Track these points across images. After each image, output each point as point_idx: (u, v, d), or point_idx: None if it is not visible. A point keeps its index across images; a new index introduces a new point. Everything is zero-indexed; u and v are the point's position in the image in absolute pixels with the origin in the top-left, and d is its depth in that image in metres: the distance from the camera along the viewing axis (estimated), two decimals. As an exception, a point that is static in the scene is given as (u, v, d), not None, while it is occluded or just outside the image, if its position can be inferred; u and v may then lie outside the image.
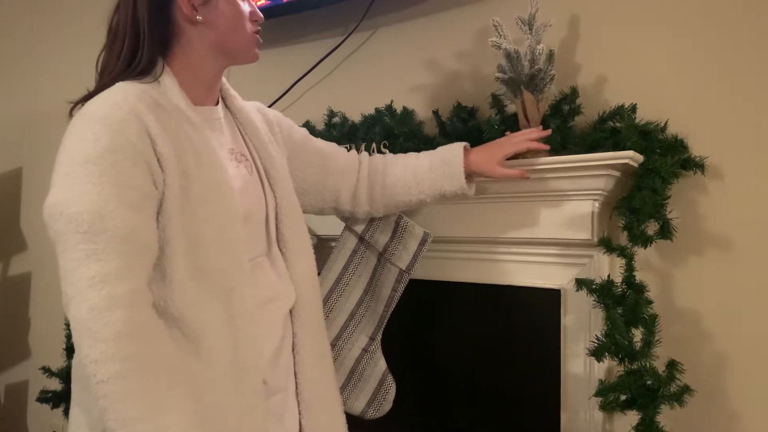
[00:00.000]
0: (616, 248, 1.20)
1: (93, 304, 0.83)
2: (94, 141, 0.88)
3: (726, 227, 1.23)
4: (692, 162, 1.24)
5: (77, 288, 0.84)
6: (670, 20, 1.31)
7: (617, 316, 1.15)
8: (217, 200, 0.98)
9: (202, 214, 0.95)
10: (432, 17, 1.64)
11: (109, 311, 0.83)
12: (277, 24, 1.91)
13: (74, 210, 0.85)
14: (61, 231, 0.86)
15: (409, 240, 1.38)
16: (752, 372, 1.20)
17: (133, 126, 0.90)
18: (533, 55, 1.28)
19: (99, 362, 0.82)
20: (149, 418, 0.83)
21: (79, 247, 0.85)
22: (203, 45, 1.03)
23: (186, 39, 1.02)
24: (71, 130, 0.92)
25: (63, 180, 0.88)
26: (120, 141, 0.88)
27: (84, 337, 0.83)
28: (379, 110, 1.64)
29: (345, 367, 1.44)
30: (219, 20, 1.02)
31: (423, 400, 1.51)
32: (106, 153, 0.87)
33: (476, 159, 1.23)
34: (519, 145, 1.23)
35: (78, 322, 0.84)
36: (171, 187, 0.92)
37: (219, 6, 1.02)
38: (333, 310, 1.46)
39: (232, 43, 1.05)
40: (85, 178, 0.86)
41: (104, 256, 0.85)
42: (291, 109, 1.90)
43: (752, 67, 1.22)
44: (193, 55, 1.03)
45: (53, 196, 0.88)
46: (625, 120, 1.26)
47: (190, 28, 1.01)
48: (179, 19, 1.01)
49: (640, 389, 1.12)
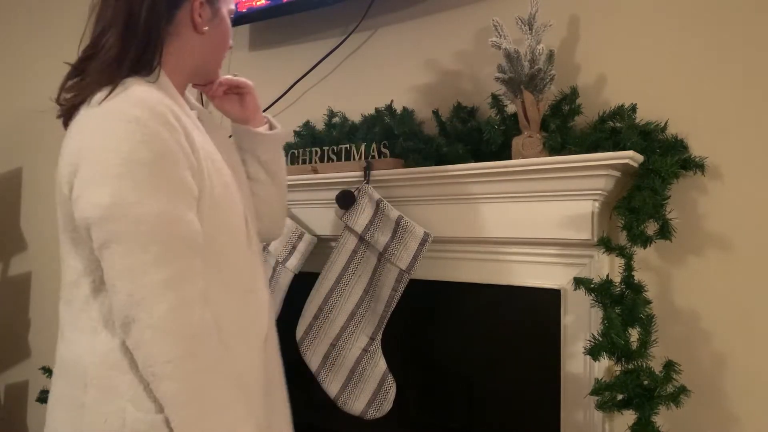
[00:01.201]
0: (616, 248, 1.20)
1: (172, 304, 0.85)
2: (146, 143, 0.87)
3: (725, 227, 1.23)
4: (692, 162, 1.24)
5: (150, 289, 0.85)
6: (670, 20, 1.31)
7: (614, 315, 1.15)
8: (231, 204, 1.00)
9: (223, 218, 0.97)
10: (432, 17, 1.64)
11: (188, 311, 0.86)
12: (277, 24, 1.91)
13: (142, 211, 0.85)
14: (125, 232, 0.85)
15: (409, 240, 1.38)
16: (750, 372, 1.20)
17: (178, 129, 0.90)
18: (533, 55, 1.28)
19: (176, 361, 0.85)
20: (223, 410, 0.88)
21: (150, 248, 0.85)
22: (195, 53, 1.03)
23: (181, 43, 1.01)
24: (100, 128, 0.89)
25: (117, 180, 0.85)
26: (171, 144, 0.89)
27: (160, 337, 0.85)
28: (379, 110, 1.64)
29: (345, 367, 1.44)
30: (216, 37, 1.05)
31: (423, 399, 1.51)
32: (161, 155, 0.87)
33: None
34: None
35: (153, 322, 0.84)
36: (203, 192, 0.93)
37: (221, 25, 1.05)
38: (333, 310, 1.47)
39: (212, 61, 1.09)
40: (146, 180, 0.86)
41: (177, 258, 0.86)
42: (291, 109, 1.90)
43: (752, 67, 1.22)
44: (183, 60, 1.02)
45: (108, 195, 0.85)
46: (625, 120, 1.26)
47: (189, 33, 1.01)
48: (182, 22, 1.00)
49: (637, 389, 1.12)
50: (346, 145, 1.58)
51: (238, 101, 1.19)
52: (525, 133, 1.32)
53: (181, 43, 1.01)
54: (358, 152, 1.54)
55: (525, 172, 1.28)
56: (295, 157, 1.67)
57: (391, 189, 1.48)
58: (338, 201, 1.46)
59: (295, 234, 1.56)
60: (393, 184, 1.47)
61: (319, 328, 1.47)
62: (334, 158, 1.60)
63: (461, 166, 1.36)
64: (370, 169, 1.47)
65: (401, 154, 1.52)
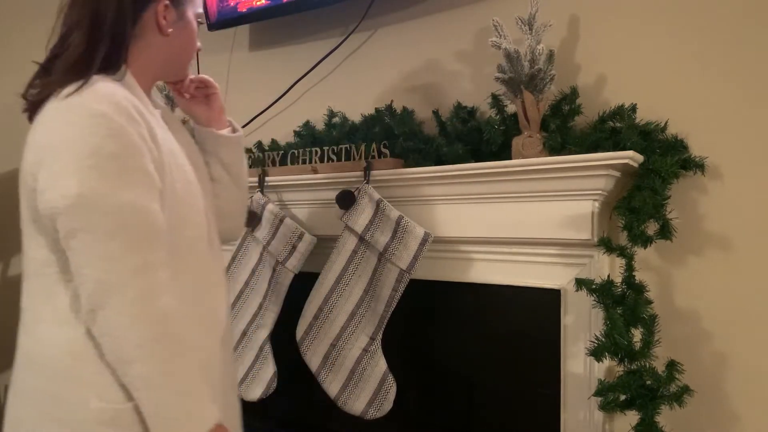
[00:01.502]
0: (616, 248, 1.20)
1: (140, 291, 0.88)
2: (112, 136, 0.90)
3: (726, 227, 1.23)
4: (692, 162, 1.24)
5: (119, 276, 0.87)
6: (670, 20, 1.31)
7: (617, 316, 1.15)
8: (193, 199, 1.04)
9: (184, 212, 1.01)
10: (432, 17, 1.64)
11: (156, 297, 0.89)
12: (277, 24, 1.91)
13: (110, 202, 0.88)
14: (93, 221, 0.88)
15: (409, 240, 1.38)
16: (752, 372, 1.20)
17: (141, 123, 0.94)
18: (533, 55, 1.28)
19: (146, 345, 0.87)
20: (191, 393, 0.91)
21: (118, 237, 0.88)
22: (159, 54, 1.06)
23: (146, 43, 1.04)
24: (66, 121, 0.92)
25: (85, 172, 0.88)
26: (136, 138, 0.92)
27: (130, 322, 0.87)
28: (379, 110, 1.64)
29: (345, 367, 1.44)
30: (181, 39, 1.08)
31: (423, 399, 1.51)
32: (127, 148, 0.91)
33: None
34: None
35: (122, 308, 0.87)
36: (164, 185, 0.96)
37: (187, 27, 1.08)
38: (333, 310, 1.47)
39: (179, 62, 1.11)
40: (113, 172, 0.89)
41: (144, 247, 0.89)
42: (291, 109, 1.90)
43: (752, 67, 1.22)
44: (147, 60, 1.05)
45: (76, 186, 0.88)
46: (625, 120, 1.26)
47: (154, 35, 1.04)
48: (147, 24, 1.03)
49: (640, 389, 1.12)
50: (346, 145, 1.58)
51: (204, 102, 1.22)
52: (525, 133, 1.32)
53: (146, 44, 1.04)
54: (358, 152, 1.54)
55: (525, 172, 1.28)
56: (295, 157, 1.67)
57: (391, 189, 1.48)
58: (338, 201, 1.46)
59: (295, 234, 1.56)
60: (393, 184, 1.47)
61: (320, 328, 1.47)
62: (334, 158, 1.60)
63: (461, 166, 1.36)
64: (370, 169, 1.47)
65: (401, 154, 1.51)
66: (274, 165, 1.70)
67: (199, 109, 1.21)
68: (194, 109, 1.21)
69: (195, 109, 1.21)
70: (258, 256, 1.63)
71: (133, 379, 0.89)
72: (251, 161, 1.75)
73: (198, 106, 1.21)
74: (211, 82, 1.21)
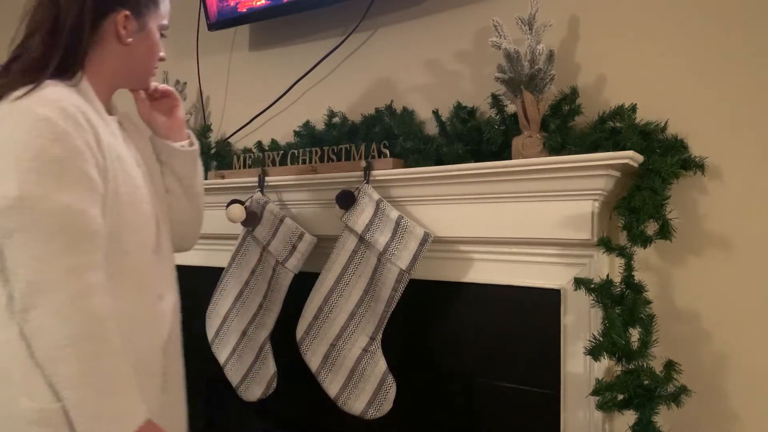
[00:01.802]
0: (616, 248, 1.20)
1: (72, 292, 0.90)
2: (54, 140, 0.92)
3: (726, 227, 1.23)
4: (692, 162, 1.24)
5: (52, 277, 0.89)
6: (670, 20, 1.31)
7: (615, 315, 1.15)
8: (138, 205, 1.06)
9: (127, 217, 1.03)
10: (432, 17, 1.64)
11: (88, 298, 0.91)
12: (277, 24, 1.91)
13: (48, 205, 0.91)
14: (31, 222, 0.90)
15: (409, 240, 1.38)
16: (751, 372, 1.20)
17: (87, 130, 0.97)
18: (533, 55, 1.28)
19: (73, 345, 0.89)
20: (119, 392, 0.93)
21: (54, 239, 0.90)
22: (118, 62, 1.09)
23: (105, 52, 1.07)
24: (10, 123, 0.94)
25: (25, 174, 0.91)
26: (79, 143, 0.95)
27: (59, 322, 0.89)
28: (379, 110, 1.64)
29: (345, 367, 1.44)
30: (140, 50, 1.11)
31: (423, 399, 1.51)
32: (69, 152, 0.93)
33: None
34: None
35: (52, 308, 0.89)
36: (107, 190, 0.99)
37: (148, 37, 1.11)
38: (333, 310, 1.47)
39: (140, 71, 1.14)
40: (54, 175, 0.92)
41: (79, 250, 0.92)
42: (291, 109, 1.90)
43: (752, 67, 1.22)
44: (106, 67, 1.08)
45: (16, 189, 0.90)
46: (625, 120, 1.26)
47: (113, 43, 1.07)
48: (107, 32, 1.06)
49: (637, 389, 1.12)
50: (346, 145, 1.58)
51: (166, 114, 1.24)
52: (525, 133, 1.32)
53: (104, 53, 1.07)
54: (358, 152, 1.54)
55: (525, 172, 1.28)
56: (295, 157, 1.67)
57: (391, 189, 1.48)
58: (338, 201, 1.46)
59: (295, 234, 1.56)
60: (393, 184, 1.47)
61: (319, 328, 1.47)
62: (334, 158, 1.60)
63: (461, 166, 1.36)
64: (370, 169, 1.47)
65: (401, 154, 1.52)
66: (274, 165, 1.70)
67: (159, 120, 1.23)
68: (154, 119, 1.23)
69: (155, 120, 1.23)
70: (258, 256, 1.63)
71: (60, 378, 0.90)
72: (251, 161, 1.75)
73: (158, 117, 1.23)
74: (175, 94, 1.24)
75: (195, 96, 2.11)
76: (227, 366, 1.64)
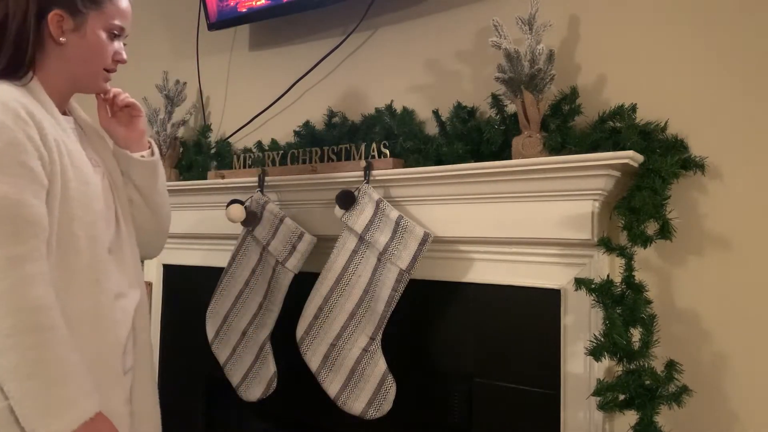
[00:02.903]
0: (616, 248, 1.20)
1: (14, 281, 0.90)
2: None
3: (726, 227, 1.23)
4: (692, 162, 1.24)
5: None
6: (670, 20, 1.31)
7: (616, 315, 1.15)
8: (89, 201, 1.06)
9: (77, 212, 1.03)
10: (432, 17, 1.64)
11: (30, 288, 0.91)
12: (277, 24, 1.91)
13: None
14: None
15: (409, 240, 1.38)
16: (751, 372, 1.20)
17: (30, 124, 0.98)
18: (533, 55, 1.28)
19: (16, 335, 0.89)
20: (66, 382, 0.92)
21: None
22: (59, 63, 1.10)
23: (47, 53, 1.09)
24: None
25: None
26: (20, 136, 0.96)
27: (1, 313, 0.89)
28: (379, 110, 1.64)
29: (345, 367, 1.44)
30: (78, 50, 1.11)
31: (423, 399, 1.51)
32: (8, 144, 0.95)
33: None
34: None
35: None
36: (54, 184, 1.00)
37: (86, 37, 1.11)
38: (333, 310, 1.46)
39: (82, 72, 1.14)
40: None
41: (21, 239, 0.93)
42: (291, 109, 1.90)
43: (752, 67, 1.22)
44: (50, 69, 1.10)
45: None
46: (625, 120, 1.26)
47: (52, 45, 1.09)
48: (45, 33, 1.08)
49: (639, 389, 1.12)
50: (346, 145, 1.58)
51: (125, 123, 1.25)
52: (525, 133, 1.32)
53: (46, 53, 1.09)
54: (358, 152, 1.54)
55: (525, 172, 1.28)
56: (295, 157, 1.67)
57: (391, 189, 1.48)
58: (338, 201, 1.46)
59: (295, 234, 1.56)
60: (393, 184, 1.47)
61: (319, 328, 1.47)
62: (334, 158, 1.60)
63: (461, 166, 1.36)
64: (370, 169, 1.47)
65: (401, 154, 1.52)
66: (274, 165, 1.70)
67: (119, 130, 1.24)
68: (114, 128, 1.24)
69: (114, 129, 1.24)
70: (258, 256, 1.63)
71: (3, 372, 0.90)
72: (251, 161, 1.75)
73: (118, 127, 1.24)
74: (137, 105, 1.25)
75: (195, 96, 2.12)
76: (227, 366, 1.64)
